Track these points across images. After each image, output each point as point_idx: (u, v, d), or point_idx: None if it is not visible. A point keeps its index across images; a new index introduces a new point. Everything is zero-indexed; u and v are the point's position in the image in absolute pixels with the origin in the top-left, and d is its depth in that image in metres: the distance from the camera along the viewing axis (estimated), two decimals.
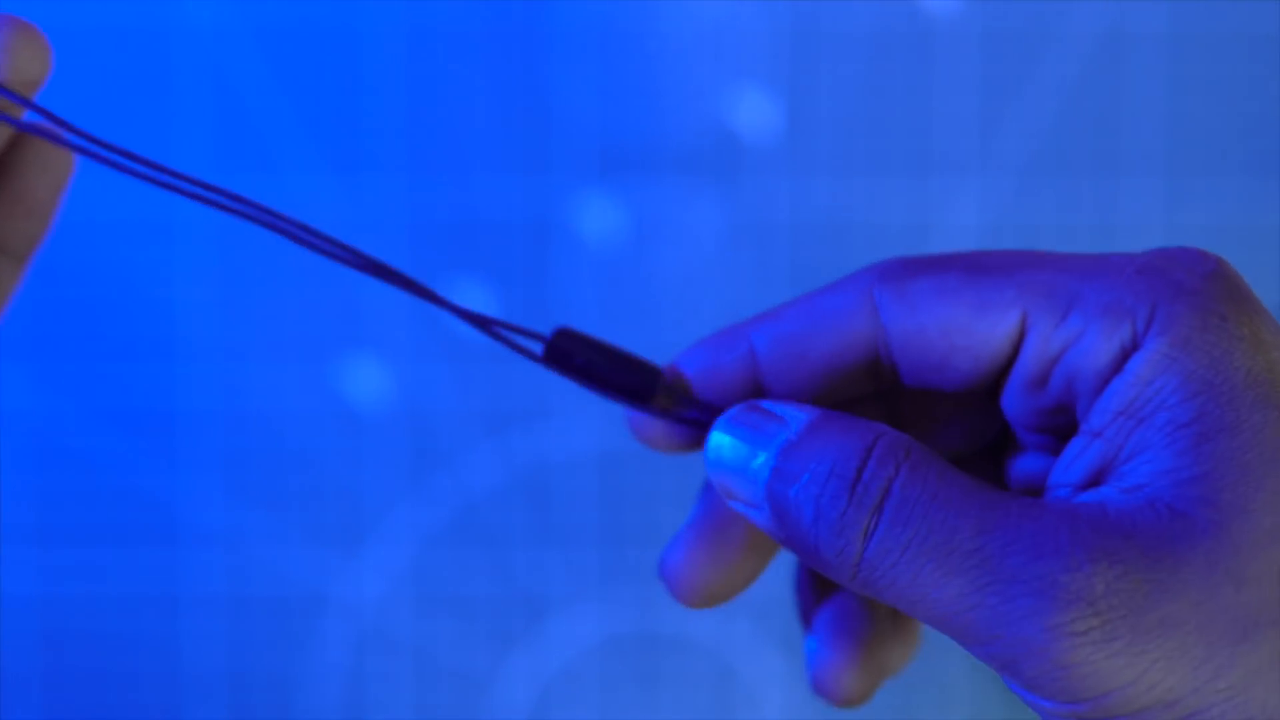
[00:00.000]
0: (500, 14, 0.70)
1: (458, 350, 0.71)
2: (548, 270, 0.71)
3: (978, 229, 0.71)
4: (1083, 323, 0.31)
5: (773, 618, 0.72)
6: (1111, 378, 0.30)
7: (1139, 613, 0.28)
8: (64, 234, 0.44)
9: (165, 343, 0.71)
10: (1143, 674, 0.28)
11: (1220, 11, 0.70)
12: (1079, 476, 0.31)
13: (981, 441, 0.36)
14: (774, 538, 0.32)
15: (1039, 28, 0.70)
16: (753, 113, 0.71)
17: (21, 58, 0.37)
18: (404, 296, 0.36)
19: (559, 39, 0.70)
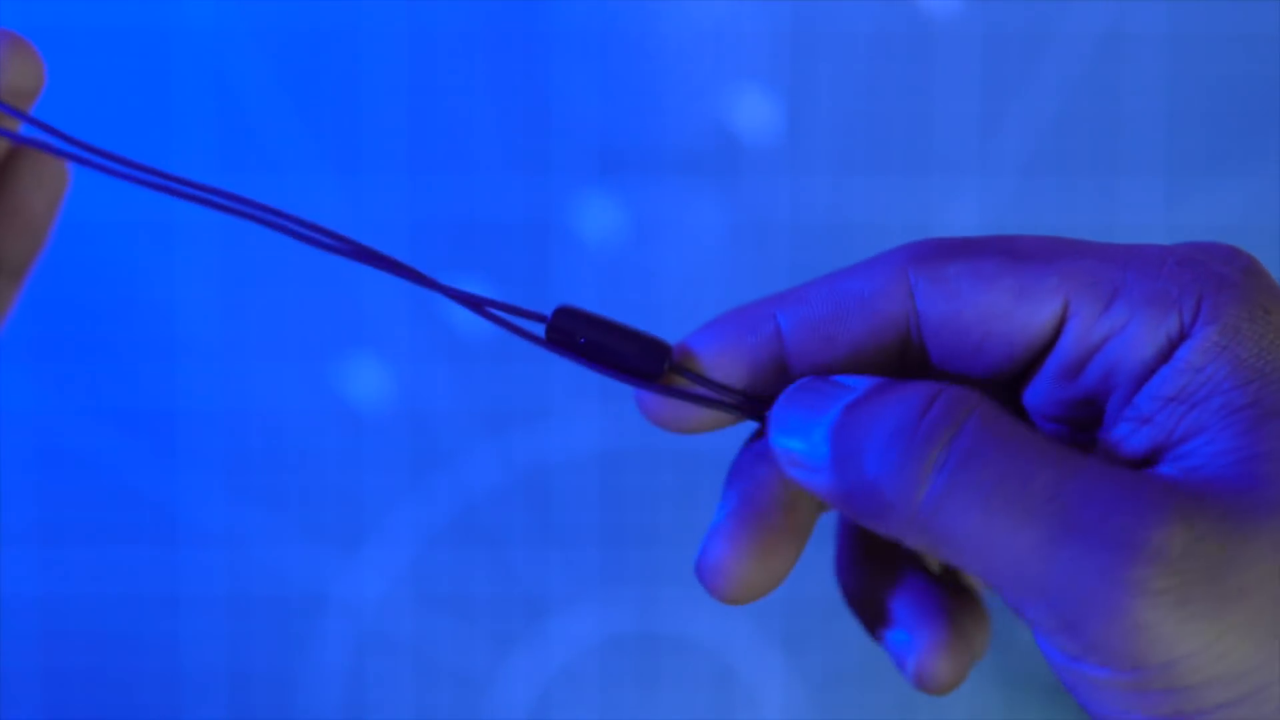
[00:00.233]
0: (500, 14, 0.70)
1: (458, 350, 0.71)
2: (548, 270, 0.71)
3: (978, 229, 0.71)
4: (1128, 312, 0.31)
5: (773, 618, 0.72)
6: (1157, 367, 0.30)
7: (1215, 579, 0.27)
8: (64, 234, 0.44)
9: (165, 343, 0.71)
10: (1214, 641, 0.27)
11: (1220, 11, 0.70)
12: (1125, 461, 0.31)
13: None
14: (833, 500, 0.31)
15: (1039, 28, 0.70)
16: (753, 113, 0.71)
17: (15, 72, 0.37)
18: (404, 296, 0.36)
19: (559, 39, 0.70)
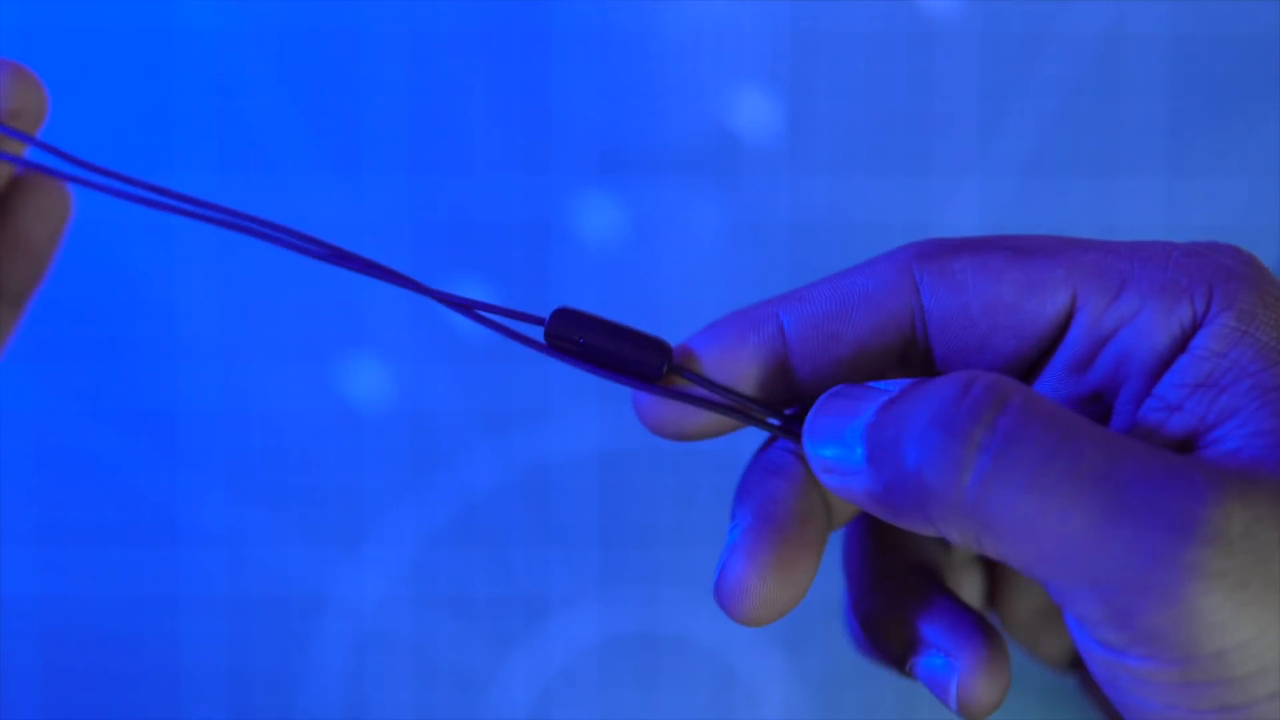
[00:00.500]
0: (500, 14, 0.70)
1: (458, 350, 0.71)
2: (548, 270, 0.71)
3: (978, 229, 0.71)
4: (1138, 302, 0.31)
5: None
6: (1172, 355, 0.30)
7: (1272, 560, 0.26)
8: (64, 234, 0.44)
9: (165, 343, 0.71)
10: (1267, 628, 0.26)
11: (1220, 11, 0.70)
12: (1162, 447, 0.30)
13: None
14: (872, 503, 0.31)
15: (1039, 28, 0.70)
16: (753, 113, 0.71)
17: (18, 101, 0.37)
18: (404, 296, 0.36)
19: (559, 39, 0.70)
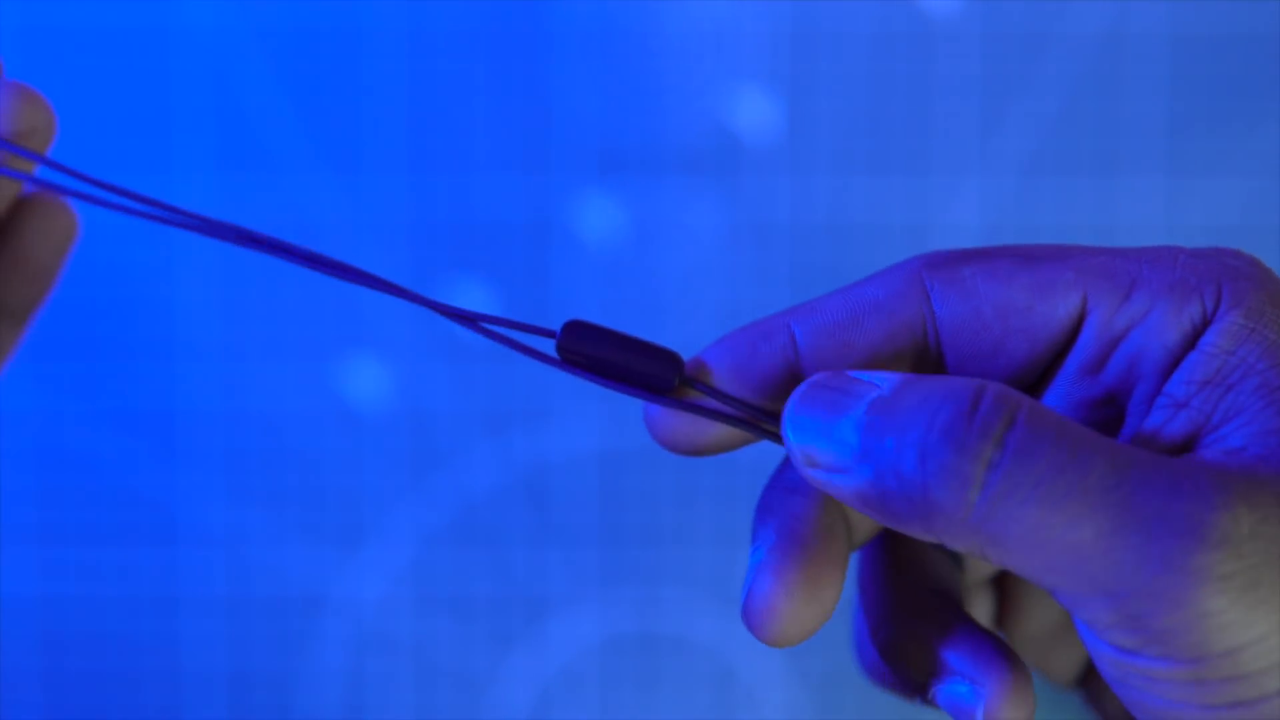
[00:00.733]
0: (500, 14, 0.70)
1: (458, 350, 0.71)
2: (548, 270, 0.71)
3: (978, 229, 0.71)
4: (1148, 301, 0.31)
5: None
6: (1183, 353, 0.30)
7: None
8: None
9: (165, 343, 0.71)
10: (1277, 626, 0.27)
11: (1220, 11, 0.70)
12: (1163, 447, 0.30)
13: None
14: (862, 502, 0.30)
15: (1039, 28, 0.70)
16: (753, 113, 0.71)
17: (26, 123, 0.38)
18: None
19: (559, 39, 0.70)
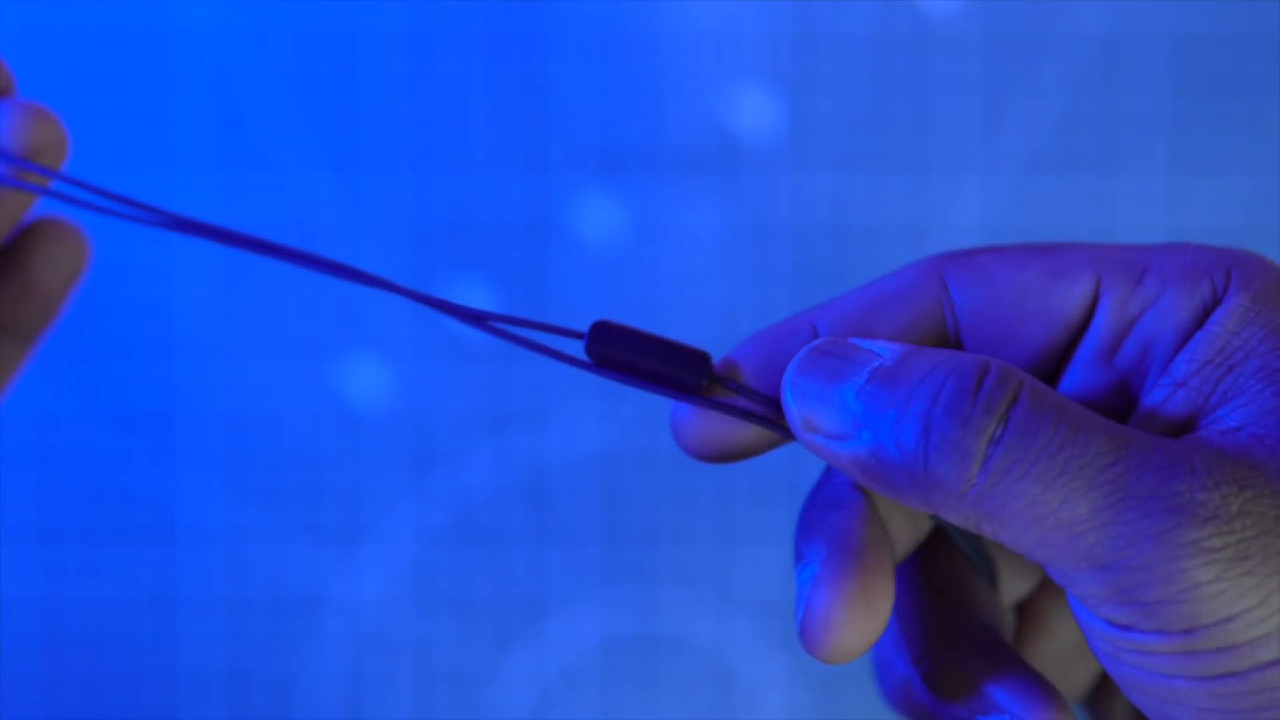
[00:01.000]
0: (500, 14, 0.70)
1: (458, 350, 0.71)
2: (548, 270, 0.71)
3: (979, 229, 0.71)
4: (1160, 285, 0.32)
5: (773, 618, 0.72)
6: (1194, 334, 0.31)
7: (1270, 534, 0.28)
8: None
9: (165, 343, 0.71)
10: (1268, 597, 0.28)
11: (1220, 11, 0.70)
12: (1162, 425, 0.31)
13: None
14: (859, 472, 0.31)
15: (1039, 28, 0.70)
16: (753, 113, 0.71)
17: (38, 142, 0.38)
18: (398, 295, 0.36)
19: (559, 39, 0.70)
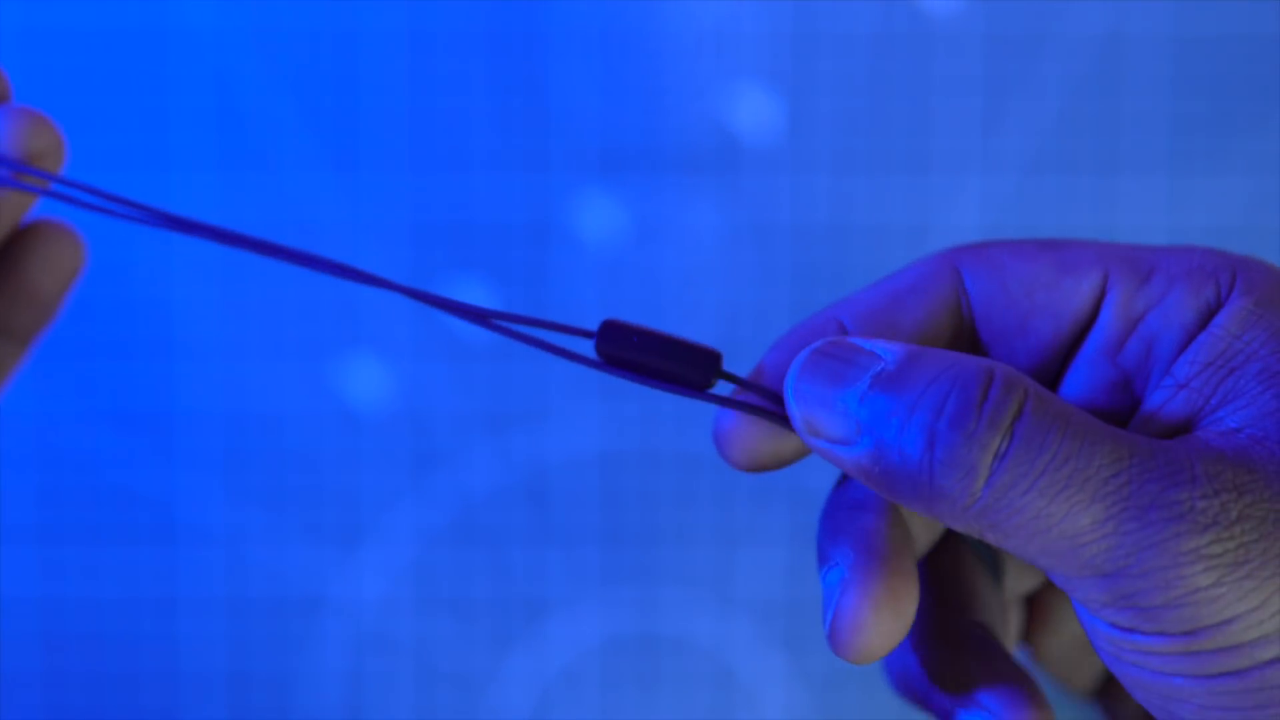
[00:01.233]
0: (500, 14, 0.70)
1: (458, 350, 0.71)
2: (548, 270, 0.71)
3: (979, 229, 0.71)
4: (1166, 284, 0.32)
5: (773, 618, 0.72)
6: (1198, 334, 0.31)
7: (1269, 537, 0.28)
8: None
9: (165, 342, 0.71)
10: (1268, 599, 0.28)
11: (1220, 11, 0.70)
12: (1162, 427, 0.31)
13: None
14: (861, 476, 0.31)
15: (1039, 28, 0.70)
16: (753, 113, 0.71)
17: (35, 146, 0.38)
18: (403, 296, 0.36)
19: (559, 39, 0.70)
